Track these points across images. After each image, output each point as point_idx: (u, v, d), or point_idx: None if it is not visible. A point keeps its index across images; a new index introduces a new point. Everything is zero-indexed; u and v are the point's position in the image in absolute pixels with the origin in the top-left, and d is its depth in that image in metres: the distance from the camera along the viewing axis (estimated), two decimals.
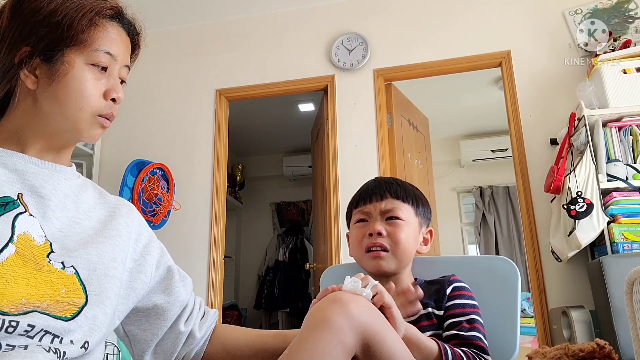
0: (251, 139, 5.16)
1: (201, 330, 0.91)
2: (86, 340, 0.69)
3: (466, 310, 0.90)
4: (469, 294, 0.93)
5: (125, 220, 0.84)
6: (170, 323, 0.88)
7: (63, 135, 0.77)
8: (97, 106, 0.76)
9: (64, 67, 0.73)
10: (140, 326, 0.86)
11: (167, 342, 0.88)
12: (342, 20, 2.97)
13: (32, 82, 0.74)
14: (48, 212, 0.72)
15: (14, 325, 0.62)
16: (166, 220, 2.75)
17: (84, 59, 0.75)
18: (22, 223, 0.68)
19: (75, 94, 0.74)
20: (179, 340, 0.88)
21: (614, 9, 2.53)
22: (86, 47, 0.74)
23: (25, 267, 0.66)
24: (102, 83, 0.77)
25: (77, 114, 0.74)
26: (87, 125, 0.76)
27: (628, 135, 2.17)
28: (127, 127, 3.08)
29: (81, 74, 0.74)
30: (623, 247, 1.94)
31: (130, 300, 0.81)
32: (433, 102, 4.14)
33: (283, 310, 4.95)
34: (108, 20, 0.78)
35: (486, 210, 5.08)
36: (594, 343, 0.69)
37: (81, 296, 0.70)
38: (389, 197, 1.02)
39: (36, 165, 0.74)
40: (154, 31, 3.21)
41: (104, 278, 0.74)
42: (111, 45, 0.77)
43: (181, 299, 0.89)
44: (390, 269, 0.98)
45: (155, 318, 0.87)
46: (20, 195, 0.70)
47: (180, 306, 0.89)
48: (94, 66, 0.76)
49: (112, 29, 0.78)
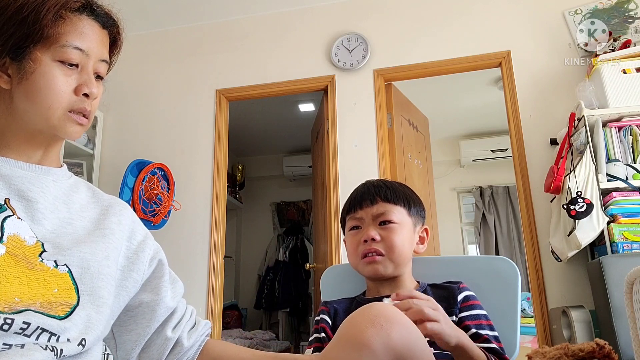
0: (251, 139, 5.16)
1: (190, 339, 0.87)
2: (83, 337, 0.69)
3: (481, 322, 0.90)
4: (479, 304, 0.94)
5: (118, 218, 0.83)
6: (157, 325, 0.85)
7: (40, 133, 0.75)
8: (67, 102, 0.74)
9: (30, 65, 0.71)
10: (126, 326, 0.84)
11: (153, 348, 0.84)
12: (342, 20, 2.97)
13: (4, 82, 0.73)
14: (37, 215, 0.72)
15: (9, 322, 0.62)
16: (166, 220, 2.75)
17: (51, 56, 0.72)
18: (11, 225, 0.67)
19: (43, 92, 0.72)
20: (166, 346, 0.85)
21: (614, 9, 2.53)
22: (53, 43, 0.72)
23: (17, 266, 0.65)
24: (73, 79, 0.74)
25: (47, 112, 0.73)
26: (61, 122, 0.74)
27: (628, 135, 2.17)
28: (128, 127, 3.08)
29: (48, 70, 0.72)
30: (623, 247, 1.94)
31: (121, 299, 0.80)
32: (433, 102, 4.14)
33: (283, 310, 4.95)
34: (77, 14, 0.75)
35: (486, 210, 5.08)
36: (593, 343, 0.69)
37: (73, 297, 0.69)
38: (380, 201, 1.01)
39: (22, 169, 0.73)
40: (153, 31, 3.22)
41: (97, 276, 0.73)
42: (81, 40, 0.74)
43: (166, 302, 0.86)
44: (387, 272, 0.97)
45: (141, 317, 0.84)
46: (7, 200, 0.70)
47: (165, 308, 0.86)
48: (63, 63, 0.73)
49: (82, 22, 0.75)
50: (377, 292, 1.00)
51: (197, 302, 2.71)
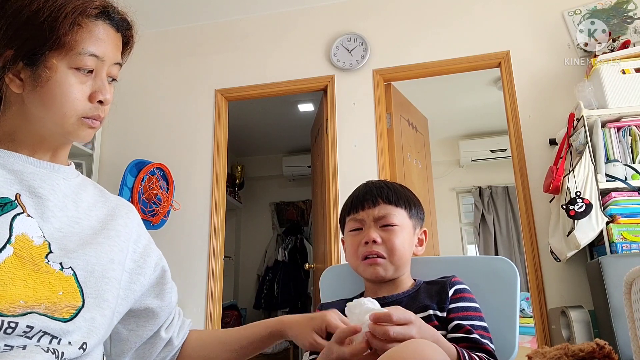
0: (251, 139, 5.15)
1: (178, 338, 0.92)
2: (84, 341, 0.69)
3: (469, 314, 0.90)
4: (471, 296, 0.93)
5: (124, 221, 0.84)
6: (157, 328, 0.88)
7: (52, 137, 0.76)
8: (82, 110, 0.74)
9: (46, 72, 0.70)
10: (127, 326, 0.86)
11: (147, 346, 0.88)
12: (342, 20, 2.97)
13: (17, 86, 0.72)
14: (46, 212, 0.72)
15: (13, 326, 0.62)
16: (166, 220, 2.75)
17: (67, 63, 0.71)
18: (20, 224, 0.67)
19: (59, 100, 0.71)
20: (158, 345, 0.89)
21: (613, 9, 2.53)
22: (69, 50, 0.71)
23: (24, 268, 0.65)
24: (88, 86, 0.74)
25: (62, 119, 0.73)
26: (75, 127, 0.74)
27: (627, 136, 2.17)
28: (127, 127, 3.08)
29: (64, 78, 0.71)
30: (622, 247, 1.94)
31: (128, 301, 0.82)
32: (432, 103, 4.14)
33: (282, 310, 4.95)
34: (93, 20, 0.74)
35: (485, 211, 5.08)
36: (593, 343, 0.69)
37: (78, 299, 0.70)
38: (382, 203, 1.01)
39: (34, 165, 0.74)
40: (153, 31, 3.21)
41: (102, 280, 0.73)
42: (97, 46, 0.74)
43: (171, 307, 0.91)
44: (387, 275, 0.98)
45: (145, 321, 0.87)
46: (18, 195, 0.70)
47: (168, 312, 0.90)
48: (79, 70, 0.72)
49: (98, 28, 0.74)
50: (375, 294, 1.00)
51: (196, 302, 2.71)
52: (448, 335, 0.88)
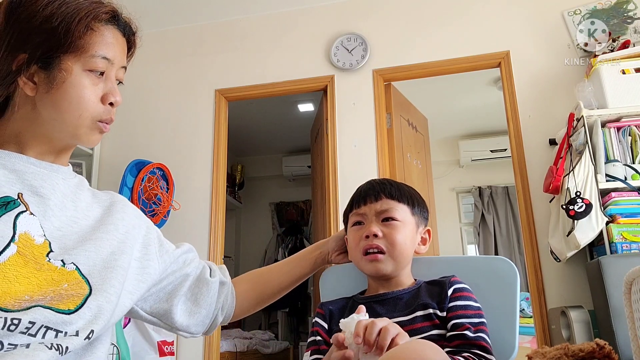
0: (251, 139, 5.16)
1: (226, 276, 1.04)
2: (91, 329, 0.70)
3: (468, 312, 0.90)
4: (470, 295, 0.93)
5: (120, 215, 0.85)
6: (184, 272, 0.98)
7: (62, 140, 0.77)
8: (96, 112, 0.76)
9: (61, 74, 0.72)
10: (162, 289, 0.93)
11: (204, 292, 0.97)
12: (342, 20, 2.97)
13: (30, 89, 0.73)
14: (48, 212, 0.73)
15: (16, 323, 0.62)
16: (166, 220, 2.75)
17: (81, 65, 0.74)
18: (23, 222, 0.68)
19: (74, 101, 0.73)
20: (213, 289, 0.99)
21: (613, 9, 2.53)
22: (83, 53, 0.73)
23: (27, 266, 0.66)
24: (100, 88, 0.76)
25: (76, 121, 0.74)
26: (87, 130, 0.76)
27: (627, 136, 2.17)
28: (127, 127, 3.08)
29: (79, 80, 0.73)
30: (622, 247, 1.94)
31: (145, 283, 0.86)
32: (432, 103, 4.14)
33: (282, 310, 4.95)
34: (104, 24, 0.77)
35: (485, 211, 5.08)
36: (593, 343, 0.69)
37: (85, 287, 0.71)
38: (384, 198, 1.01)
39: (34, 165, 0.75)
40: (153, 31, 3.21)
41: (105, 270, 0.75)
42: (108, 50, 0.76)
43: (176, 254, 1.01)
44: (388, 271, 0.98)
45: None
46: (20, 194, 0.71)
47: (175, 258, 1.00)
48: (92, 72, 0.75)
49: (109, 32, 0.77)
50: (376, 291, 1.01)
51: None
52: (448, 334, 0.88)
